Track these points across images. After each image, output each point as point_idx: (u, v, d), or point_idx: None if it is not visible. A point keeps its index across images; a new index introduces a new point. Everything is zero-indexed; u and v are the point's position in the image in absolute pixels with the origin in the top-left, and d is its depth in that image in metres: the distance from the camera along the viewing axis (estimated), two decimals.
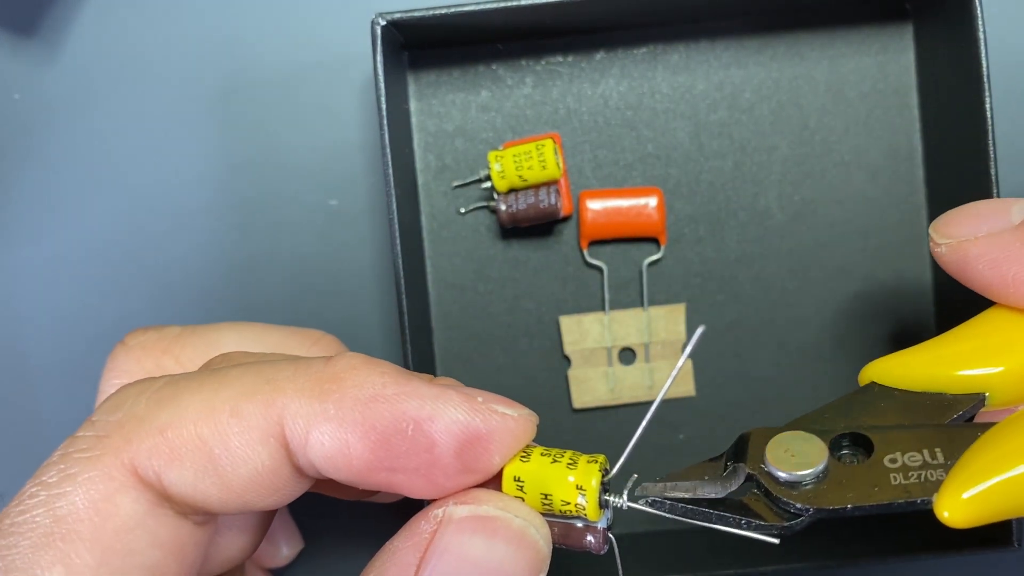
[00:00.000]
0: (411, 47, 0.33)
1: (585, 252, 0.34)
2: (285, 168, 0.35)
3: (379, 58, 0.30)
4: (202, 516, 0.19)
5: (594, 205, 0.33)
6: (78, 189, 0.35)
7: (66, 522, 0.17)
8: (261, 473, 0.19)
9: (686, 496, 0.20)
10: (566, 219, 0.34)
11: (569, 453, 0.20)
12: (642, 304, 0.34)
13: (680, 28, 0.34)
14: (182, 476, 0.18)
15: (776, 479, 0.20)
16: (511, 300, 0.34)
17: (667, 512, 0.20)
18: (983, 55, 0.30)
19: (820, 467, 0.20)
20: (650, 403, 0.34)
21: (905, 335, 0.34)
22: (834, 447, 0.21)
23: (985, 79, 0.31)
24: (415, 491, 0.19)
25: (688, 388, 0.34)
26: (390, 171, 0.30)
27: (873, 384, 0.23)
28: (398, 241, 0.30)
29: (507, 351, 0.34)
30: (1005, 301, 0.22)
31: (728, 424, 0.35)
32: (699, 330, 0.18)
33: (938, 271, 0.34)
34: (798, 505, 0.19)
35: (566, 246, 0.34)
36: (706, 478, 0.20)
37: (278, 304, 0.35)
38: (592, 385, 0.34)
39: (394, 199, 0.30)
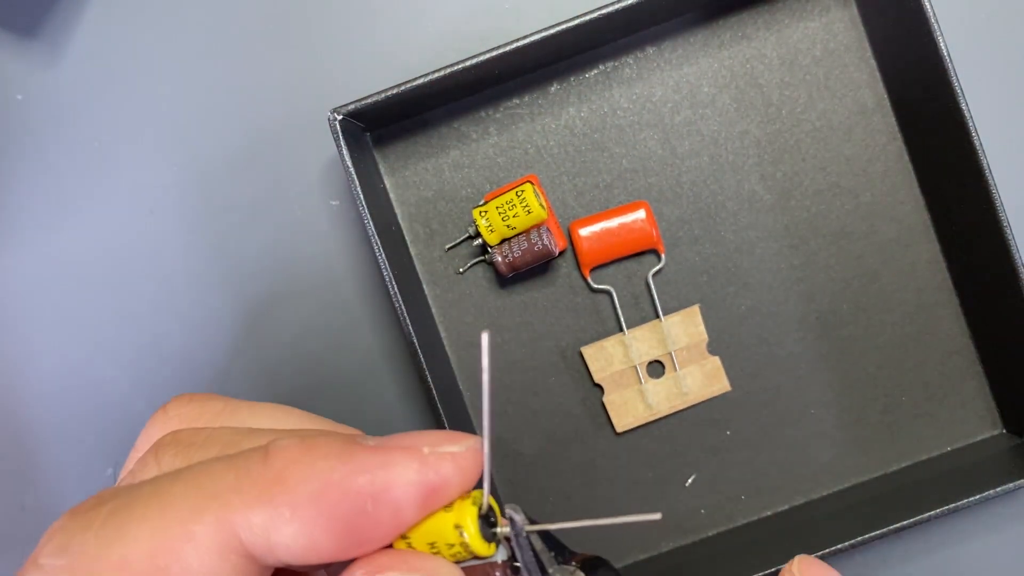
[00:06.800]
0: (371, 129, 0.34)
1: (589, 279, 0.34)
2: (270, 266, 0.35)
3: (344, 151, 0.30)
4: None
5: (586, 232, 0.34)
6: (79, 190, 0.35)
7: None
8: None
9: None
10: (562, 253, 0.34)
11: None
12: (657, 316, 0.34)
13: (624, 42, 0.34)
14: None
15: None
16: (529, 344, 0.35)
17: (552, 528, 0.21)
18: None
19: None
20: (688, 409, 0.34)
21: (920, 278, 0.35)
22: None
23: (930, 11, 0.31)
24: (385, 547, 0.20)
25: (723, 384, 0.34)
26: (383, 257, 0.30)
27: None
28: (409, 324, 0.30)
29: (538, 394, 0.35)
30: None
31: (770, 410, 0.35)
32: (484, 336, 0.18)
33: (935, 208, 0.34)
34: None
35: (569, 278, 0.35)
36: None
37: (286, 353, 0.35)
38: (630, 406, 0.34)
39: (395, 283, 0.30)
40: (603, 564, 0.22)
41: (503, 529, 0.20)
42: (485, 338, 0.18)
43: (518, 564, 0.20)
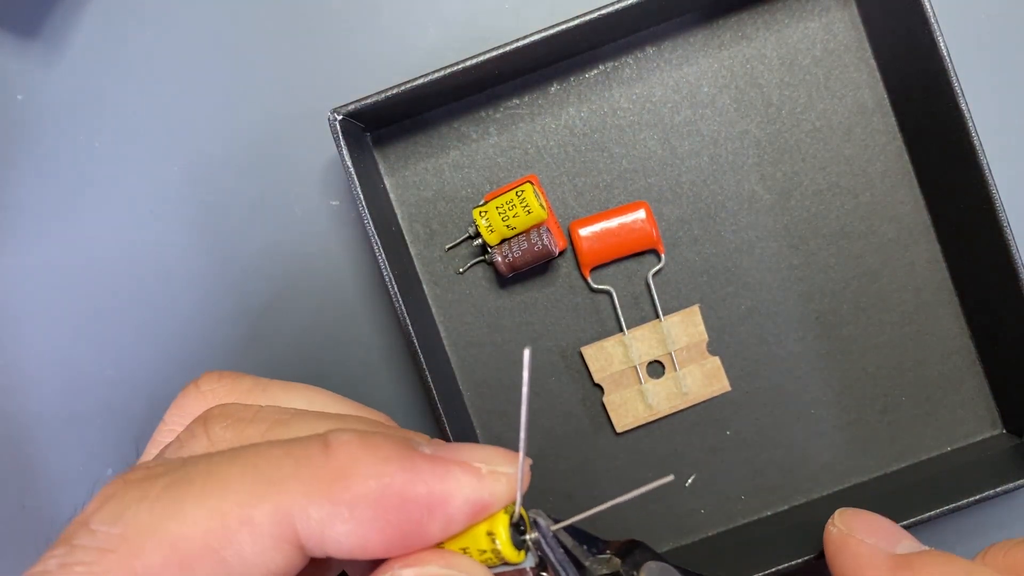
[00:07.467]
0: (372, 129, 0.34)
1: (589, 279, 0.34)
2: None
3: (344, 151, 0.30)
4: None
5: (586, 232, 0.34)
6: (80, 190, 0.35)
7: None
8: (275, 572, 0.19)
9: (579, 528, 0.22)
10: (562, 253, 0.34)
11: None
12: (657, 316, 0.34)
13: (624, 42, 0.34)
14: None
15: None
16: (529, 344, 0.35)
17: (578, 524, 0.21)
18: None
19: None
20: (687, 409, 0.34)
21: (920, 278, 0.35)
22: None
23: (930, 11, 0.31)
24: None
25: (723, 384, 0.34)
26: (383, 257, 0.30)
27: None
28: (409, 324, 0.30)
29: (539, 394, 0.35)
30: None
31: (770, 410, 0.35)
32: (526, 353, 0.19)
33: (935, 209, 0.34)
34: None
35: (569, 278, 0.35)
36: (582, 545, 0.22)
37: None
38: (630, 407, 0.34)
39: (395, 283, 0.30)
40: (639, 546, 0.23)
41: (532, 536, 0.20)
42: (527, 354, 0.18)
43: (545, 575, 0.21)
